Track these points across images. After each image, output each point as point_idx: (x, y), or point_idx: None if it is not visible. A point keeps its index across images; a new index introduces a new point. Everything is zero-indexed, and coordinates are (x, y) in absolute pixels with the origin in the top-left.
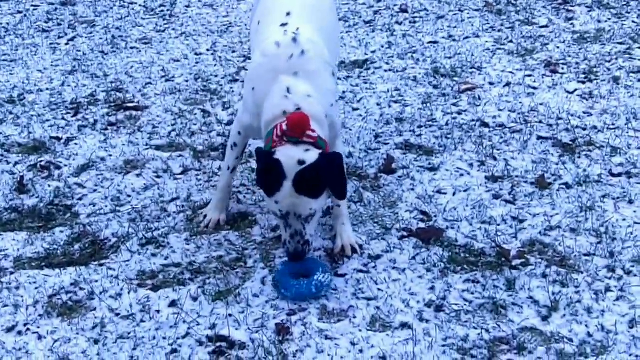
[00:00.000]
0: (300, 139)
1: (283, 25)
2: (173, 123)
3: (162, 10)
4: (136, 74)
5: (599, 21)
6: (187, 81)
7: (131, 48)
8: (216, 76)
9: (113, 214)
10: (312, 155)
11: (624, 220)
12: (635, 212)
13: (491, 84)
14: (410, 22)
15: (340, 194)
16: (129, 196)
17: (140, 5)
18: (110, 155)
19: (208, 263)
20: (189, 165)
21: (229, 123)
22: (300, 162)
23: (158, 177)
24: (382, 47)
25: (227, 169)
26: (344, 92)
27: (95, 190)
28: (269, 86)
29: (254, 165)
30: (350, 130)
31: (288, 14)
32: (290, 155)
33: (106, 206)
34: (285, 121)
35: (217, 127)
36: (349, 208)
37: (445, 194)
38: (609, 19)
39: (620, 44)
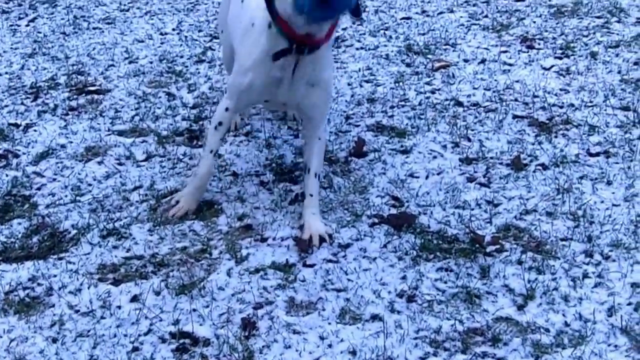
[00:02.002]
0: None
1: None
2: (136, 107)
3: None
4: (98, 55)
5: None
6: (151, 62)
7: (93, 29)
8: (182, 57)
9: (73, 204)
10: None
11: (602, 202)
12: (613, 193)
13: (466, 61)
14: None
15: None
16: (90, 185)
17: None
18: (71, 142)
19: (171, 255)
20: (153, 151)
21: (195, 106)
22: None
23: (120, 164)
24: (354, 24)
25: (210, 152)
26: None
27: (54, 179)
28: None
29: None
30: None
31: None
32: None
33: (66, 196)
34: None
35: (182, 110)
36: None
37: (417, 177)
38: None
39: (598, 17)
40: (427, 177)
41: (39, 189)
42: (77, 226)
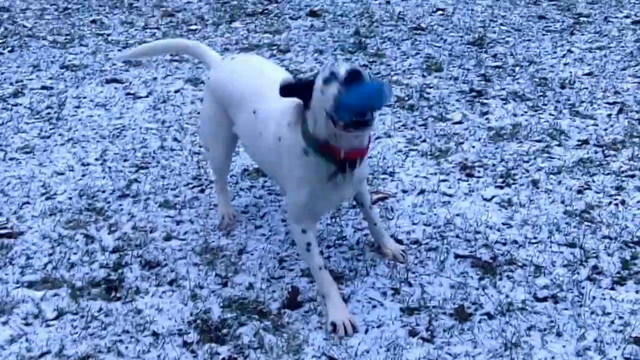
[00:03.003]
0: None
1: None
2: (50, 252)
3: (49, 113)
4: (12, 191)
5: (515, 115)
6: (70, 198)
7: (10, 159)
8: (104, 191)
9: None
10: None
11: (553, 358)
12: (564, 347)
13: (404, 191)
14: None
15: None
16: None
17: (25, 107)
18: None
19: None
20: (65, 307)
21: (115, 250)
22: None
23: (27, 324)
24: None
25: (320, 269)
26: (246, 206)
27: None
28: None
29: None
30: (252, 254)
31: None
32: None
33: None
34: None
35: (100, 256)
36: (246, 356)
37: (356, 331)
38: (525, 112)
39: (538, 141)
40: (366, 331)
41: None
42: None
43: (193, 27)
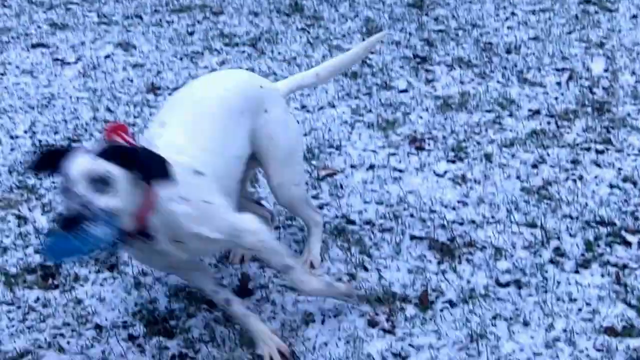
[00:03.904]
0: None
1: None
2: None
3: None
4: None
5: (462, 82)
6: None
7: None
8: None
9: None
10: None
11: (522, 350)
12: (532, 337)
13: (353, 167)
14: None
15: None
16: None
17: None
18: None
19: None
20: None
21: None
22: None
23: None
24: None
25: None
26: None
27: None
28: None
29: None
30: None
31: None
32: None
33: None
34: None
35: (34, 239)
36: (197, 350)
37: (313, 321)
38: (472, 79)
39: (488, 111)
40: (323, 322)
41: None
42: None
43: None
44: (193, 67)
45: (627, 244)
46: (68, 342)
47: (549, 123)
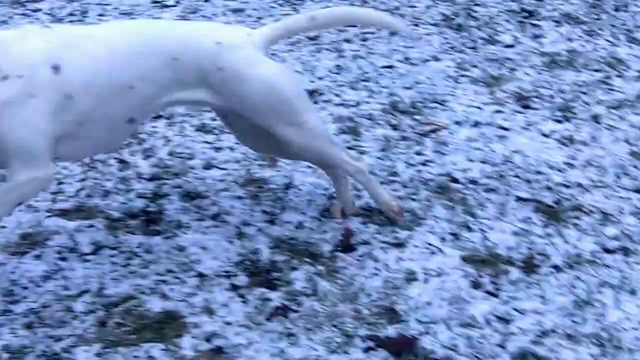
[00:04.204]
0: None
1: None
2: (82, 178)
3: (72, 21)
4: None
5: (570, 40)
6: None
7: None
8: None
9: (4, 317)
10: None
11: (628, 319)
12: (639, 307)
13: (457, 123)
14: (360, 40)
15: None
16: (26, 289)
17: (45, 13)
18: (4, 227)
19: None
20: (102, 240)
21: (152, 178)
22: None
23: (62, 259)
24: (330, 72)
25: None
26: None
27: None
28: None
29: None
30: (299, 189)
31: None
32: None
33: None
34: None
35: (137, 184)
36: (299, 303)
37: (416, 280)
38: (580, 36)
39: (597, 70)
40: (426, 280)
41: None
42: (9, 348)
43: None
44: (294, 12)
45: None
46: (171, 289)
47: None
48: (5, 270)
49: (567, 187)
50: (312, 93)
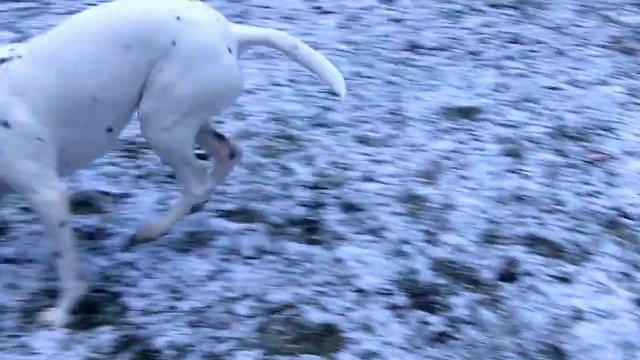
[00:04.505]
0: None
1: None
2: (247, 180)
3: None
4: None
5: None
6: (262, 122)
7: None
8: (294, 117)
9: (170, 313)
10: None
11: None
12: None
13: (627, 153)
14: (523, 57)
15: None
16: (190, 287)
17: None
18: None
19: None
20: (264, 245)
21: (315, 187)
22: None
23: (225, 260)
24: (490, 89)
25: None
26: (447, 151)
27: (148, 276)
28: None
29: None
30: (460, 211)
31: None
32: None
33: (161, 300)
34: None
35: (298, 192)
36: (459, 331)
37: (583, 319)
38: None
39: None
40: (594, 321)
41: (129, 285)
42: (174, 345)
43: None
44: (453, 26)
45: None
46: (331, 302)
47: None
48: (172, 266)
49: None
50: (469, 110)
